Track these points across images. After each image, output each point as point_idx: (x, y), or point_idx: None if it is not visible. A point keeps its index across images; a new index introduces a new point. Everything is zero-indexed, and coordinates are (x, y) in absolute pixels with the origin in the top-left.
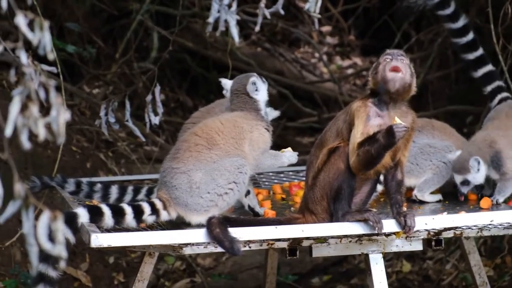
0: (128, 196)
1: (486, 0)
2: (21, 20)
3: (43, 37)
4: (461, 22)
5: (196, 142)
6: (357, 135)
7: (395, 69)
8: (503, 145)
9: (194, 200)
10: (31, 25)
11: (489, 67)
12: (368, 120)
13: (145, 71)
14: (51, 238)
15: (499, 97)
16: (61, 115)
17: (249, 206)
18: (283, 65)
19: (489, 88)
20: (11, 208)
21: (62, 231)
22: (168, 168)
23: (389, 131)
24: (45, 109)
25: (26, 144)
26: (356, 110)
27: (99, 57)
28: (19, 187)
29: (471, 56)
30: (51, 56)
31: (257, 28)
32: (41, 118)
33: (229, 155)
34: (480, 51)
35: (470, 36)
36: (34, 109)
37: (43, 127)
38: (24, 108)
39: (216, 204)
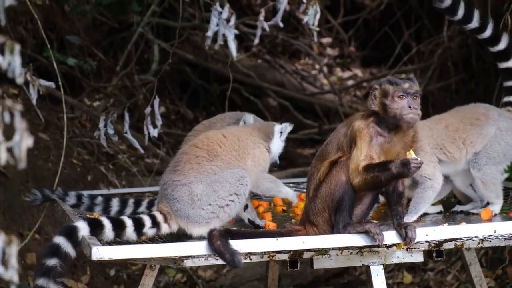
0: (129, 209)
1: (486, 11)
2: None
3: (13, 61)
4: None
5: (196, 154)
6: (361, 157)
7: (414, 113)
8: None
9: (196, 212)
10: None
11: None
12: (370, 141)
13: (146, 83)
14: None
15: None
16: (23, 141)
17: (249, 220)
18: (284, 77)
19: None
20: None
21: (15, 255)
22: (168, 181)
23: (405, 164)
24: (44, 122)
25: None
26: (359, 131)
27: (100, 70)
28: None
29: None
30: (20, 80)
31: (256, 41)
32: (4, 142)
33: (230, 167)
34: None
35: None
36: None
37: (4, 151)
38: None
39: (218, 216)
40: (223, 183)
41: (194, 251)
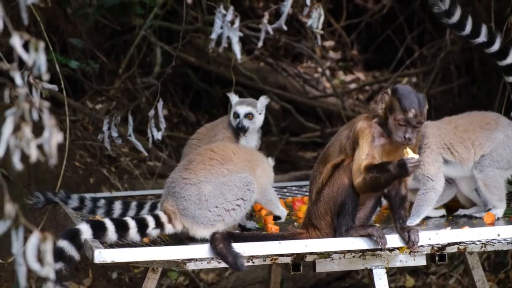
0: (131, 212)
1: (489, 15)
2: (16, 41)
3: (38, 58)
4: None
5: (211, 156)
6: (363, 156)
7: (406, 141)
8: (431, 134)
9: (202, 212)
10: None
11: None
12: (373, 141)
13: (148, 86)
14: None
15: None
16: (53, 137)
17: (239, 225)
18: (286, 80)
19: None
20: (0, 228)
21: (51, 252)
22: (178, 178)
23: (402, 165)
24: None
25: (18, 165)
26: (361, 131)
27: (102, 73)
28: (10, 207)
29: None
30: (46, 77)
31: (260, 44)
32: (34, 139)
33: (240, 172)
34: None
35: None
36: (27, 130)
37: (35, 148)
38: (17, 128)
39: (223, 219)
40: (231, 186)
41: (197, 254)
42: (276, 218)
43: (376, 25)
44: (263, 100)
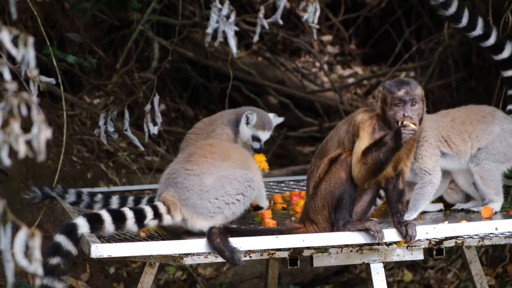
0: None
1: (487, 9)
2: (5, 36)
3: (27, 53)
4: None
5: (211, 151)
6: (362, 147)
7: (408, 125)
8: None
9: (203, 203)
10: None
11: None
12: (373, 132)
13: (146, 81)
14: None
15: None
16: (42, 133)
17: None
18: (284, 75)
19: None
20: None
21: (39, 248)
22: (180, 170)
23: (396, 132)
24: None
25: (6, 160)
26: (361, 122)
27: (100, 67)
28: None
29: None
30: (35, 72)
31: (256, 38)
32: (22, 135)
33: (240, 168)
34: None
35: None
36: (16, 125)
37: (23, 144)
38: (5, 124)
39: (223, 212)
40: (232, 180)
41: (194, 248)
42: (258, 208)
43: (374, 20)
44: (277, 120)
